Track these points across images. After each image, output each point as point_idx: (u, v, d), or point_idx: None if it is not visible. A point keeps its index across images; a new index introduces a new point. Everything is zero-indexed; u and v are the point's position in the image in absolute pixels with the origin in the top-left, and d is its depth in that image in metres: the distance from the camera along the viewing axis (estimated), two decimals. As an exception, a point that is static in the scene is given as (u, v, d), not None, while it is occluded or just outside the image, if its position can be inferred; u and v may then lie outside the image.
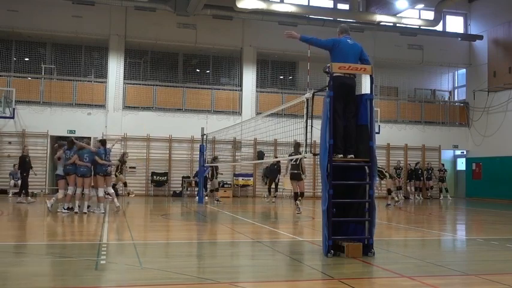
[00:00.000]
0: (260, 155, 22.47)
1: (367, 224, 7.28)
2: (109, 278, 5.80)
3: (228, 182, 22.63)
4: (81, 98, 21.75)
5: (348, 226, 7.53)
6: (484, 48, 25.11)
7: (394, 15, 23.07)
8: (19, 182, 19.49)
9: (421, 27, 24.60)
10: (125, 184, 19.41)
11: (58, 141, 15.57)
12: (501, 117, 23.99)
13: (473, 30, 26.29)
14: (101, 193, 13.28)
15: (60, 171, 13.39)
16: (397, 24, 24.04)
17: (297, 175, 14.29)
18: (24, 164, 16.68)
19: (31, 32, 21.73)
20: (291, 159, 14.24)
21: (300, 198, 14.33)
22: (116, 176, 19.10)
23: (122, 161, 18.90)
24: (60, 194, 13.25)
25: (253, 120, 17.27)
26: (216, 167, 18.90)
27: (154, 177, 21.86)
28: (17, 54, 22.79)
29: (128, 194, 19.22)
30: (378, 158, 7.64)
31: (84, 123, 21.41)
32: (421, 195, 24.39)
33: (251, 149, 23.03)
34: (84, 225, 11.05)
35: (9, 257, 7.06)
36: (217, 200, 18.32)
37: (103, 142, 14.03)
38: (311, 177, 22.34)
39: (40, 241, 8.87)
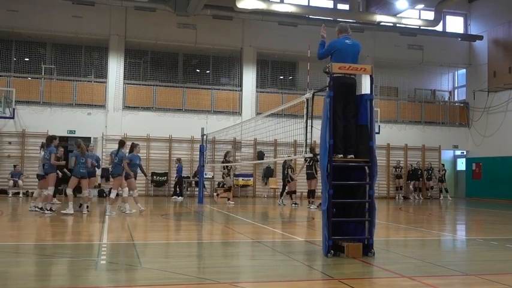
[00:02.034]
0: (260, 155, 22.47)
1: (367, 224, 7.28)
2: (109, 278, 5.80)
3: (228, 182, 22.61)
4: (81, 98, 21.75)
5: (348, 226, 7.52)
6: (484, 48, 25.11)
7: (394, 15, 23.07)
8: (19, 182, 19.55)
9: (421, 27, 24.60)
10: (229, 188, 18.55)
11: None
12: (501, 117, 24.00)
13: (473, 30, 26.29)
14: (86, 193, 13.19)
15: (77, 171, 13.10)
16: (397, 25, 24.03)
17: (310, 174, 16.30)
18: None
19: (31, 32, 21.74)
20: (306, 161, 16.21)
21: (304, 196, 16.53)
22: (223, 178, 18.61)
23: (227, 161, 18.00)
24: (85, 193, 13.21)
25: (253, 121, 17.27)
26: (292, 169, 17.65)
27: (154, 177, 21.85)
28: (17, 54, 22.79)
29: (228, 199, 18.09)
30: (378, 158, 7.64)
31: (84, 123, 21.41)
32: (420, 195, 24.40)
33: (251, 149, 23.03)
34: (84, 225, 11.05)
35: (9, 257, 7.06)
36: (295, 204, 17.16)
37: (122, 143, 13.77)
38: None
39: (40, 241, 8.87)
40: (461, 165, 26.93)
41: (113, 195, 13.19)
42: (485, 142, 24.81)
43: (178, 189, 20.33)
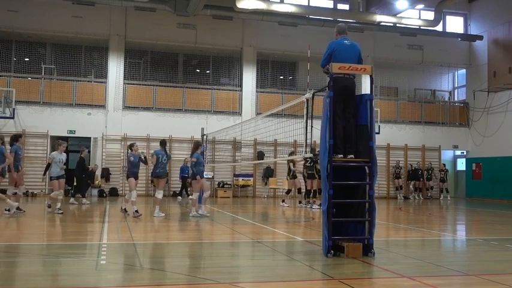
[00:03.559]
0: (260, 156, 22.48)
1: (367, 224, 7.28)
2: (109, 278, 5.80)
3: (228, 183, 22.62)
4: (81, 98, 21.75)
5: (348, 226, 7.52)
6: (484, 48, 25.11)
7: (394, 15, 23.07)
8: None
9: (421, 27, 24.60)
10: (299, 190, 17.58)
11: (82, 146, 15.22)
12: (501, 117, 24.00)
13: (473, 30, 26.29)
14: (133, 196, 12.85)
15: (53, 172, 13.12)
16: (397, 25, 24.03)
17: (311, 175, 16.37)
18: (83, 166, 17.08)
19: (31, 32, 21.74)
20: (307, 162, 16.21)
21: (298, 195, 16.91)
22: (287, 179, 17.60)
23: (294, 161, 16.85)
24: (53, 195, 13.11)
25: (253, 121, 17.26)
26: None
27: (154, 177, 21.82)
28: (17, 54, 22.78)
29: (299, 202, 17.32)
30: (378, 158, 7.64)
31: (84, 124, 21.41)
32: (421, 195, 24.40)
33: (251, 149, 23.02)
34: (84, 225, 11.05)
35: (9, 257, 7.06)
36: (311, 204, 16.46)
37: (164, 143, 13.47)
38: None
39: (40, 241, 8.87)
40: (461, 165, 26.93)
41: (159, 195, 12.95)
42: (485, 142, 24.81)
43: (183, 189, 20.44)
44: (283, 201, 17.54)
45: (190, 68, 25.25)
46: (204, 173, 18.29)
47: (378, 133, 20.31)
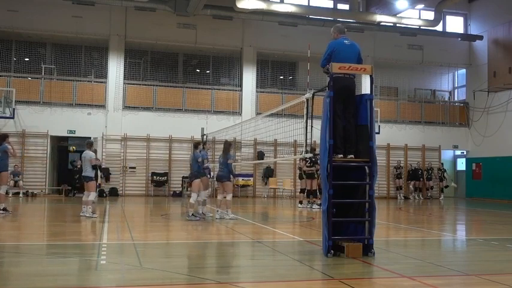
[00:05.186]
0: (260, 156, 22.47)
1: (367, 224, 7.29)
2: (109, 278, 5.80)
3: (228, 182, 22.59)
4: (81, 98, 21.74)
5: (348, 226, 7.53)
6: (484, 48, 25.10)
7: (394, 15, 23.07)
8: (20, 182, 19.52)
9: (421, 27, 24.60)
10: (302, 190, 17.02)
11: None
12: (501, 117, 23.99)
13: (473, 30, 26.29)
14: (203, 196, 12.66)
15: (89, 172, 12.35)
16: (397, 25, 24.03)
17: (311, 174, 16.33)
18: (98, 166, 17.09)
19: (31, 32, 21.73)
20: (306, 161, 16.18)
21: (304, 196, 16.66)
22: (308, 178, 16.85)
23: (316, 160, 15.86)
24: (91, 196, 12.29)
25: (253, 121, 17.26)
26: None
27: (154, 177, 21.85)
28: (17, 54, 22.78)
29: (300, 202, 17.07)
30: (378, 158, 7.64)
31: (84, 123, 21.40)
32: (421, 195, 24.40)
33: (251, 149, 23.02)
34: (84, 225, 11.05)
35: (9, 257, 7.06)
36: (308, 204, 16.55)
37: (196, 145, 13.13)
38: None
39: (40, 241, 8.87)
40: (461, 165, 26.92)
41: (192, 199, 12.39)
42: (485, 142, 24.80)
43: None
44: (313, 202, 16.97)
45: (190, 68, 25.25)
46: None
47: (378, 133, 20.30)
